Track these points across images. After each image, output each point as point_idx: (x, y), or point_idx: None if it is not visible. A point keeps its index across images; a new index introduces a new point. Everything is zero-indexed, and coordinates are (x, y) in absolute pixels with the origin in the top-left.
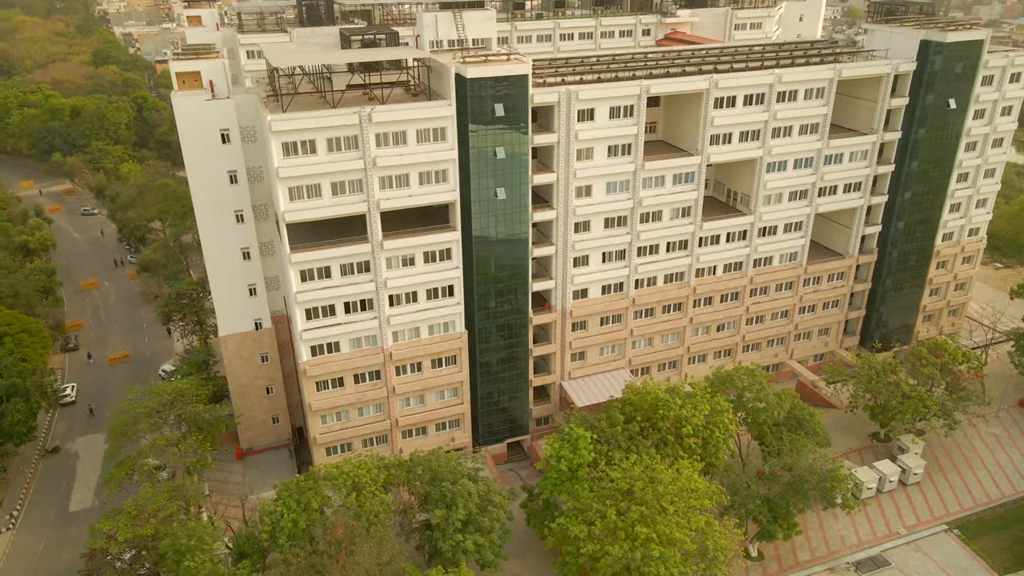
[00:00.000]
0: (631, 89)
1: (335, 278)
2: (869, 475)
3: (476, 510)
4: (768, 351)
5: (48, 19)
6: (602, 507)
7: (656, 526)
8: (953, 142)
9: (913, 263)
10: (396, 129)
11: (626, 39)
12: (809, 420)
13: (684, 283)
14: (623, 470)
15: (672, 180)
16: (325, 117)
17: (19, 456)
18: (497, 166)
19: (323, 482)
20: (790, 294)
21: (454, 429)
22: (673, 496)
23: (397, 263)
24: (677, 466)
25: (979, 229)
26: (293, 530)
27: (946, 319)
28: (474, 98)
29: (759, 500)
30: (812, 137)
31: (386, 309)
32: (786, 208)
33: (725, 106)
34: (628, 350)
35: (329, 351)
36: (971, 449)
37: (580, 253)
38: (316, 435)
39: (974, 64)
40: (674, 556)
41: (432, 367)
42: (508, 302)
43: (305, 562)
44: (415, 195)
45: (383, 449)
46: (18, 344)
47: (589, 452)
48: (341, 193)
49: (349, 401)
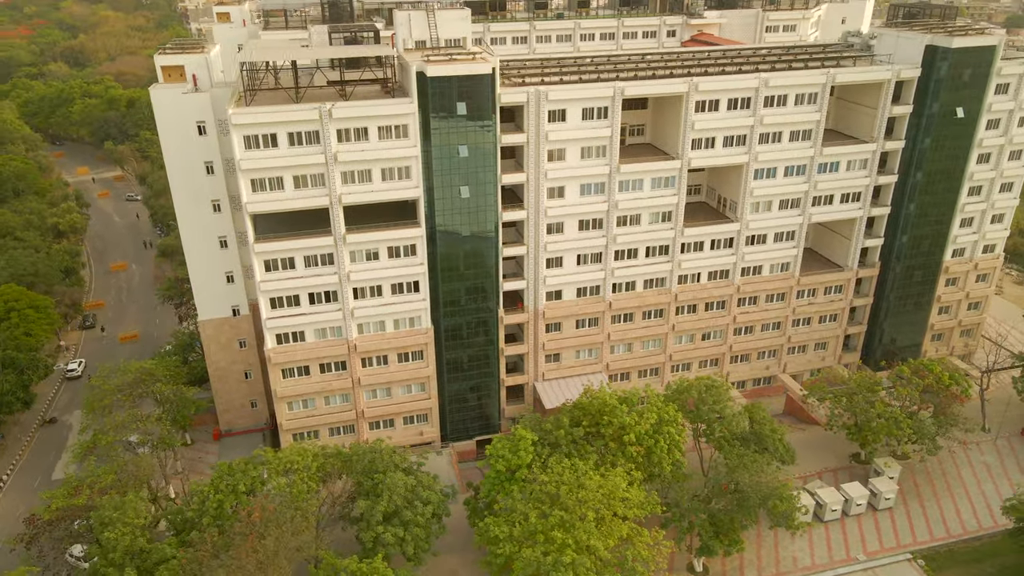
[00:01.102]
0: (604, 91)
1: (299, 269)
2: (834, 496)
3: (402, 503)
4: (758, 363)
5: (130, 14)
6: (526, 509)
7: (574, 532)
8: (962, 153)
9: (919, 279)
10: (357, 125)
11: (649, 40)
12: (770, 436)
13: (665, 289)
14: (554, 474)
15: (651, 184)
16: (285, 112)
17: (19, 425)
18: (461, 164)
19: (260, 466)
20: (782, 305)
21: (422, 424)
22: (598, 503)
23: (361, 257)
24: (607, 472)
25: (995, 246)
26: (218, 511)
27: (958, 339)
28: (435, 96)
29: (703, 514)
30: (804, 144)
31: (350, 302)
32: (776, 216)
33: (708, 110)
34: (606, 354)
35: (294, 340)
36: (957, 477)
37: (553, 254)
38: (283, 421)
39: (985, 71)
40: (585, 563)
41: (399, 361)
42: (475, 300)
43: (220, 542)
44: (377, 191)
45: (351, 439)
46: (23, 319)
47: (528, 454)
48: (303, 186)
49: (315, 390)
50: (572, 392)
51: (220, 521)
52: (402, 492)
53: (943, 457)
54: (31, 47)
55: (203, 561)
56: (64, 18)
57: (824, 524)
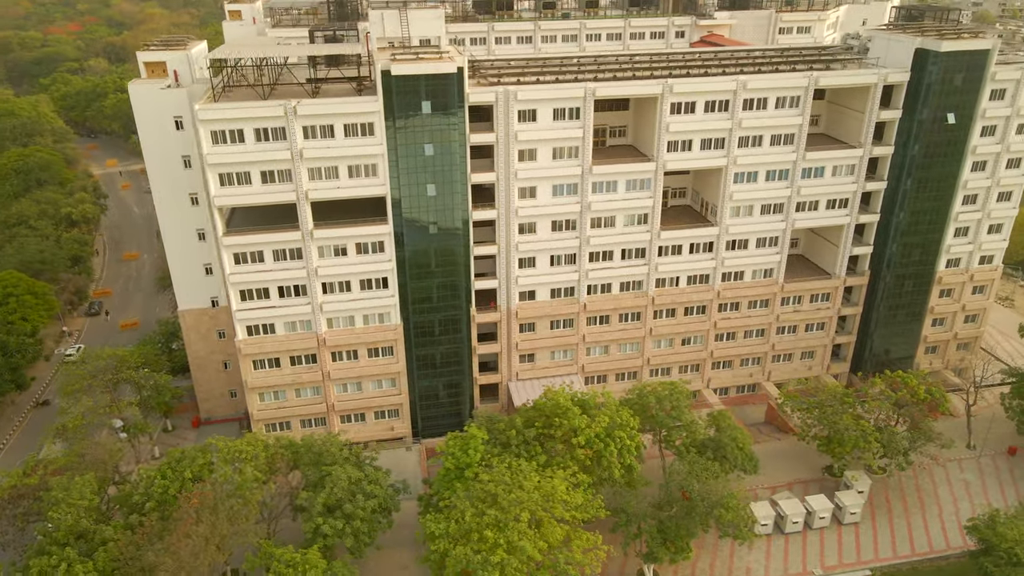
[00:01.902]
0: (575, 91)
1: (268, 263)
2: (796, 508)
3: (344, 496)
4: (742, 370)
5: (175, 11)
6: (464, 507)
7: (506, 532)
8: (955, 160)
9: (910, 289)
10: (323, 122)
11: (657, 41)
12: (730, 444)
13: (642, 292)
14: (496, 473)
15: (625, 186)
16: (251, 108)
17: (14, 406)
18: (427, 163)
19: (210, 454)
20: (765, 312)
21: (393, 419)
22: (534, 504)
23: (329, 252)
24: (551, 474)
25: (993, 257)
26: (163, 496)
27: (954, 352)
28: (400, 94)
29: (651, 520)
30: (786, 148)
31: (319, 296)
32: (758, 221)
33: (684, 112)
34: (581, 356)
35: (264, 332)
36: (932, 494)
37: (526, 254)
38: (254, 411)
39: (978, 76)
40: (513, 563)
41: (368, 356)
42: (445, 298)
43: (160, 526)
44: (343, 187)
45: (322, 431)
46: (21, 304)
47: (477, 452)
48: (271, 182)
49: (285, 381)
50: None
51: (165, 506)
52: (345, 485)
53: (920, 473)
54: (76, 43)
55: (140, 544)
56: (114, 15)
57: (785, 536)
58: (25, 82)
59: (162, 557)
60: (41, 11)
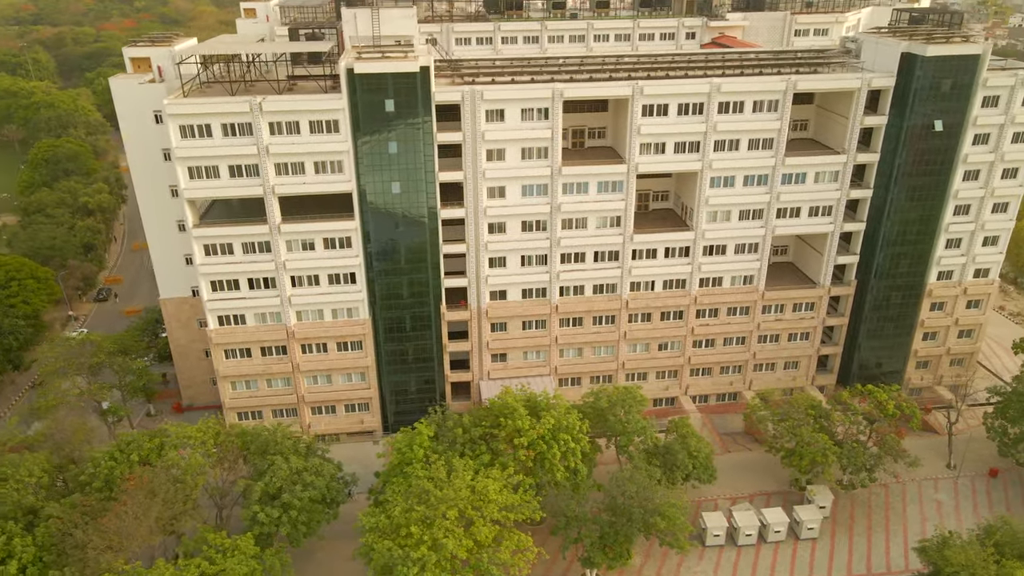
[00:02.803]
0: (542, 92)
1: (237, 255)
2: (749, 520)
3: (284, 485)
4: (721, 378)
5: (224, 9)
6: (396, 502)
7: (431, 529)
8: (945, 169)
9: (898, 301)
10: (288, 119)
11: (667, 43)
12: (680, 451)
13: (616, 296)
14: (431, 470)
15: (597, 188)
16: (217, 104)
17: (13, 385)
18: (392, 160)
19: (160, 439)
20: (745, 319)
21: (363, 412)
22: (464, 502)
23: (297, 246)
24: (487, 474)
25: (989, 270)
26: (110, 476)
27: (948, 368)
28: (364, 92)
29: (591, 524)
30: (765, 153)
31: (288, 289)
32: (736, 227)
33: (657, 114)
34: (554, 358)
35: (235, 322)
36: (900, 512)
37: (496, 254)
38: (226, 400)
39: (969, 82)
40: (433, 559)
41: (338, 350)
42: (413, 295)
43: (99, 506)
44: (310, 183)
45: (293, 422)
46: (23, 288)
47: (421, 449)
48: (239, 176)
49: (256, 371)
50: None
51: (111, 487)
52: (285, 475)
53: (891, 491)
54: (128, 39)
55: (76, 522)
56: (168, 12)
57: (738, 548)
58: (75, 76)
59: (91, 535)
60: (100, 8)
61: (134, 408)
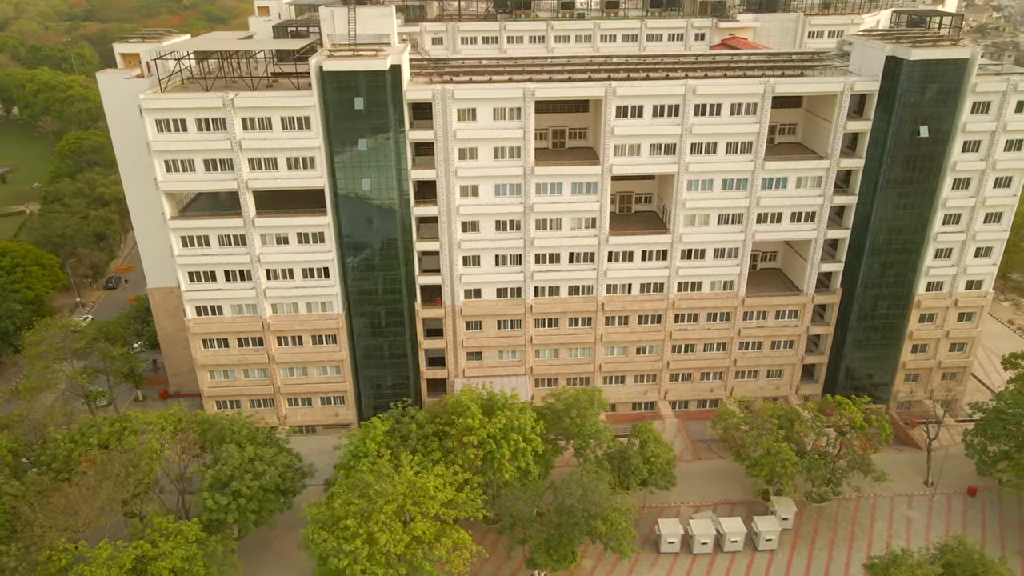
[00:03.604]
0: (513, 91)
1: (214, 247)
2: (705, 529)
3: (234, 473)
4: (702, 384)
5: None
6: (339, 494)
7: (368, 522)
8: (932, 176)
9: (885, 311)
10: (260, 115)
11: (675, 44)
12: (636, 456)
13: (591, 297)
14: (378, 464)
15: (571, 189)
16: (191, 99)
17: (16, 367)
18: (362, 157)
19: (121, 423)
20: (726, 325)
21: (339, 405)
22: (403, 497)
23: (271, 240)
24: (433, 470)
25: (982, 282)
26: (68, 458)
27: (939, 382)
28: (333, 90)
29: (538, 526)
30: (744, 157)
31: (263, 282)
32: (715, 231)
33: (631, 115)
34: (530, 358)
35: (212, 313)
36: (868, 528)
37: (470, 252)
38: (204, 388)
39: (956, 87)
40: (365, 552)
41: (313, 343)
42: (386, 291)
43: (52, 485)
44: (282, 178)
45: (270, 412)
46: (27, 274)
47: (374, 443)
48: (213, 170)
49: (233, 362)
50: None
51: (69, 468)
52: (236, 463)
53: (862, 506)
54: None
55: (31, 501)
56: (214, 10)
57: (692, 556)
58: None
59: (36, 513)
60: (148, 5)
61: (123, 394)
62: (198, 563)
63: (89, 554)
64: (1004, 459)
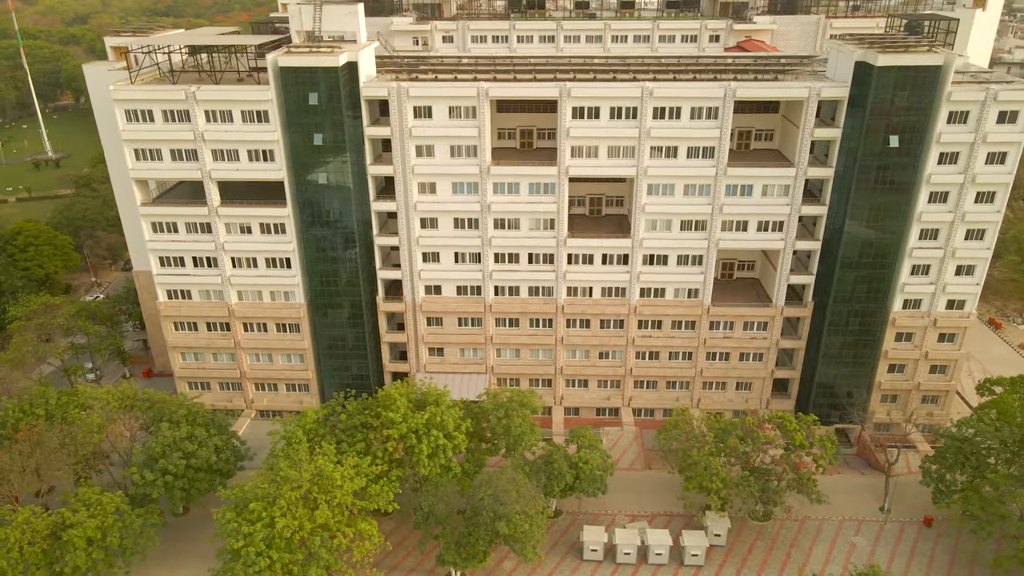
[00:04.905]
0: (468, 90)
1: (182, 234)
2: (628, 539)
3: (163, 451)
4: (668, 393)
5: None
6: (255, 479)
7: (272, 507)
8: (906, 188)
9: (858, 327)
10: (222, 108)
11: (689, 45)
12: (559, 461)
13: (551, 299)
14: (293, 451)
15: (528, 189)
16: (156, 91)
17: None
18: (319, 152)
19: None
20: (691, 334)
21: (303, 392)
22: (309, 484)
23: (236, 229)
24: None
25: (964, 302)
26: (16, 426)
27: (919, 405)
28: (288, 85)
29: (452, 523)
30: (706, 162)
31: (228, 269)
32: (677, 237)
33: (588, 117)
34: (491, 356)
35: (182, 297)
36: (806, 549)
37: (429, 249)
38: (176, 369)
39: (930, 96)
40: (260, 534)
41: (277, 330)
42: (347, 283)
43: None
44: (243, 170)
45: (238, 396)
46: (38, 253)
47: (302, 431)
48: (180, 160)
49: (201, 345)
50: (455, 388)
51: (12, 436)
52: (167, 441)
53: (808, 527)
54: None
55: None
56: None
57: (615, 565)
58: None
59: None
60: (225, 2)
61: (113, 371)
62: (113, 534)
63: (9, 517)
64: (961, 490)
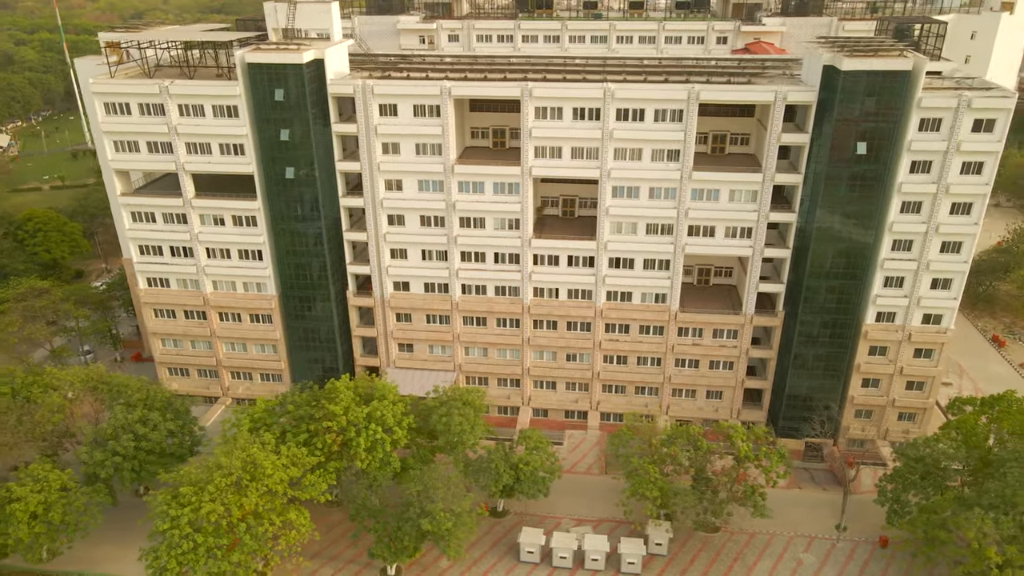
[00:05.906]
0: (431, 89)
1: (159, 223)
2: (564, 543)
3: (115, 433)
4: (637, 398)
5: None
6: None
7: (201, 493)
8: (875, 197)
9: (827, 339)
10: (193, 102)
11: (696, 46)
12: (497, 461)
13: (517, 299)
14: (232, 438)
15: (492, 188)
16: (132, 85)
17: None
18: (286, 147)
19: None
20: (659, 339)
21: (276, 382)
22: (239, 471)
23: (209, 221)
24: (281, 449)
25: (941, 316)
26: None
27: (895, 422)
28: (255, 81)
29: (383, 517)
30: (672, 165)
31: (203, 259)
32: (643, 241)
33: (551, 117)
34: (459, 354)
35: (161, 285)
36: (751, 564)
37: (396, 245)
38: (157, 355)
39: (899, 102)
40: (185, 518)
41: (251, 321)
42: (317, 277)
43: None
44: (215, 163)
45: (216, 383)
46: (46, 239)
47: (249, 420)
48: (156, 152)
49: (179, 332)
50: (420, 384)
51: None
52: (119, 423)
53: (756, 542)
54: None
55: None
56: None
57: (551, 568)
58: None
59: None
60: None
61: (106, 355)
62: (56, 509)
63: None
64: (919, 511)
